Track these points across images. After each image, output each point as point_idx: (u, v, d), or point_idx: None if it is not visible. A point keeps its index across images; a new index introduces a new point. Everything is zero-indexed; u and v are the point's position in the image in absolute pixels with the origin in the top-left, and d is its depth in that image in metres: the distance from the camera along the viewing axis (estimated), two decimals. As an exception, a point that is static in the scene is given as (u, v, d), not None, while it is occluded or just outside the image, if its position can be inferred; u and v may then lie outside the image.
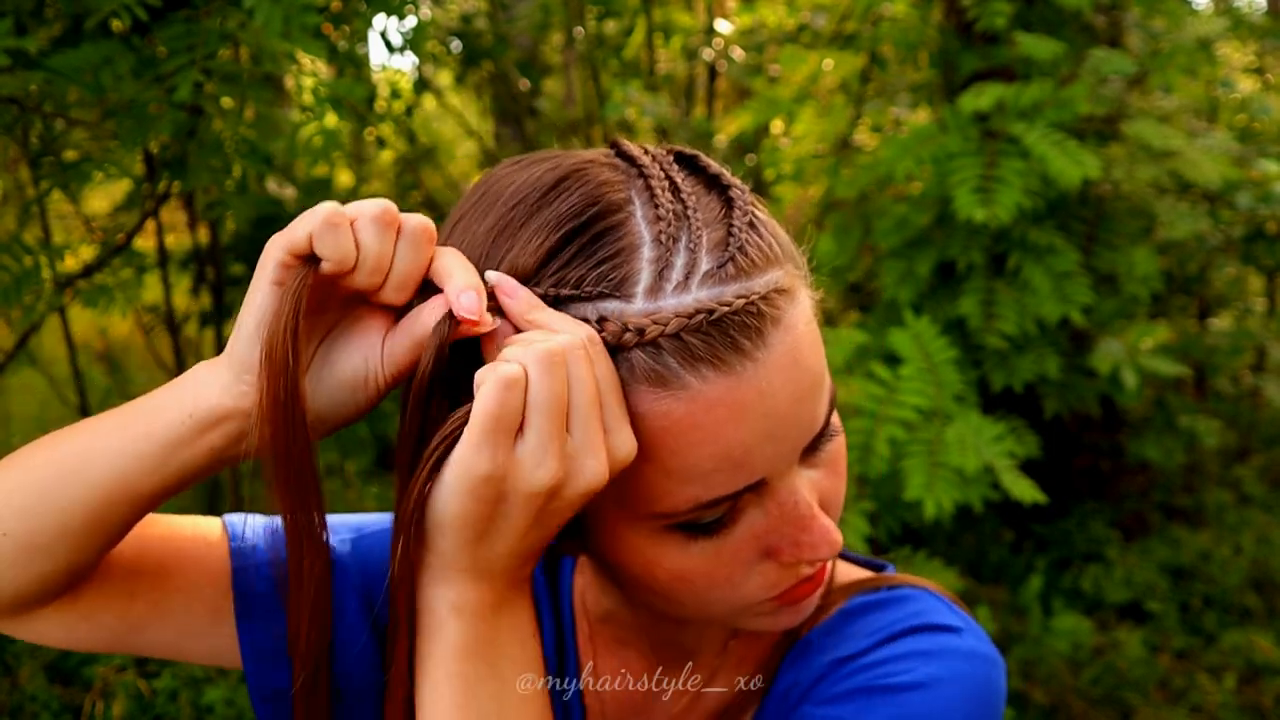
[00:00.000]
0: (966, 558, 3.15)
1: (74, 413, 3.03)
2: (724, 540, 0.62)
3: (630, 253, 0.58)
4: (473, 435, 0.55)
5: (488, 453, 0.55)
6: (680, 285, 0.57)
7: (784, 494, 0.62)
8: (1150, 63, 2.78)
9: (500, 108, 4.78)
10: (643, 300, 0.57)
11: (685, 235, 0.59)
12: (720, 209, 0.61)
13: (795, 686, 0.73)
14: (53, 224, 2.46)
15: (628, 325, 0.57)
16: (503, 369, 0.55)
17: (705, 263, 0.58)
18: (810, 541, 0.63)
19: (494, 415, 0.54)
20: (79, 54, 1.51)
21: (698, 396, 0.57)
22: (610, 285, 0.58)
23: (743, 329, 0.57)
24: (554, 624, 0.82)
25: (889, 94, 3.39)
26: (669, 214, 0.59)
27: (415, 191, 4.05)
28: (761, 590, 0.65)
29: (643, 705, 0.79)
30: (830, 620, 0.75)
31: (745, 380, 0.57)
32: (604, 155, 0.65)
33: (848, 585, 0.78)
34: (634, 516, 0.62)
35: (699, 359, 0.57)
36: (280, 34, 1.42)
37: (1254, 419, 3.82)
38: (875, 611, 0.74)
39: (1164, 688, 2.74)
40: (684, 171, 0.64)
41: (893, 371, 2.10)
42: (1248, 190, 2.95)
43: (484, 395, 0.54)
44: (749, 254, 0.59)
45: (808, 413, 0.61)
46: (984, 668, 0.71)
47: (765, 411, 0.58)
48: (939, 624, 0.72)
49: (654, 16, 4.21)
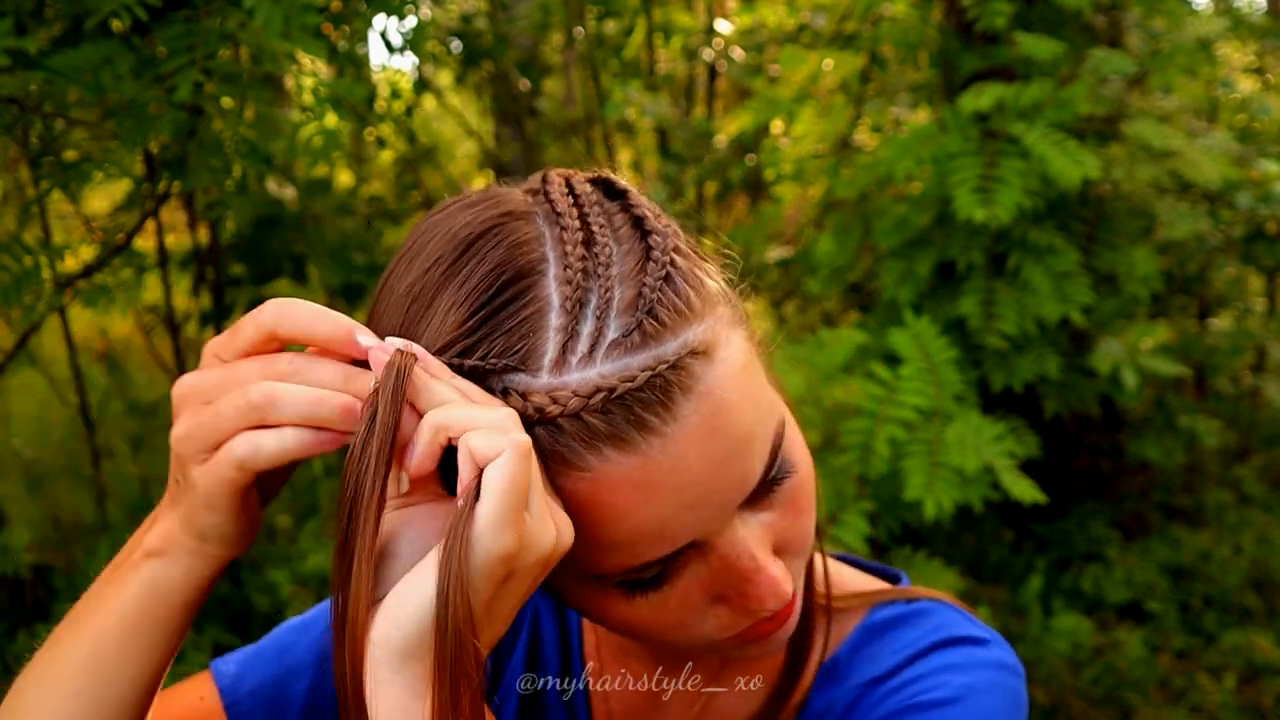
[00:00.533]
0: (966, 558, 3.15)
1: (74, 413, 3.03)
2: (668, 593, 0.60)
3: (537, 321, 0.55)
4: (497, 514, 0.50)
5: (511, 531, 0.50)
6: (585, 359, 0.54)
7: (724, 548, 0.59)
8: (1150, 63, 2.78)
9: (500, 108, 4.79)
10: (548, 375, 0.54)
11: (594, 298, 0.55)
12: (637, 261, 0.57)
13: (831, 708, 0.72)
14: (53, 224, 2.46)
15: (529, 404, 0.54)
16: (515, 436, 0.51)
17: (612, 330, 0.55)
18: (756, 594, 0.60)
19: (521, 487, 0.50)
20: (79, 54, 1.51)
21: (601, 478, 0.55)
22: (517, 359, 0.55)
23: (647, 405, 0.54)
24: (559, 631, 0.82)
25: (889, 94, 3.39)
26: (577, 275, 0.55)
27: (415, 191, 4.05)
28: (718, 631, 0.63)
29: (650, 710, 0.79)
30: (855, 636, 0.75)
31: (652, 458, 0.54)
32: (530, 195, 0.62)
33: (865, 595, 0.77)
34: (575, 575, 0.61)
35: (600, 438, 0.54)
36: (280, 34, 1.41)
37: (1254, 419, 3.82)
38: (900, 627, 0.74)
39: (1164, 688, 2.74)
40: (609, 212, 0.60)
41: (893, 371, 2.10)
42: (1248, 190, 2.95)
43: (510, 469, 0.50)
44: (658, 316, 0.55)
45: (734, 474, 0.57)
46: (1011, 678, 0.71)
47: (679, 485, 0.55)
48: (966, 636, 0.72)
49: (654, 16, 4.21)
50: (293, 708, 0.76)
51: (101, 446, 3.04)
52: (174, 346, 2.93)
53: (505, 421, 0.52)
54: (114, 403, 3.90)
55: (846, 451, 2.04)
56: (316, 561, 2.62)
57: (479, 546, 0.50)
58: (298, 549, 2.96)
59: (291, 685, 0.77)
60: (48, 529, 3.23)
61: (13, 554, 2.25)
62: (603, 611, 0.62)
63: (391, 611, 0.50)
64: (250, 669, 0.78)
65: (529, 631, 0.83)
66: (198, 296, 2.97)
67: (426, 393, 0.53)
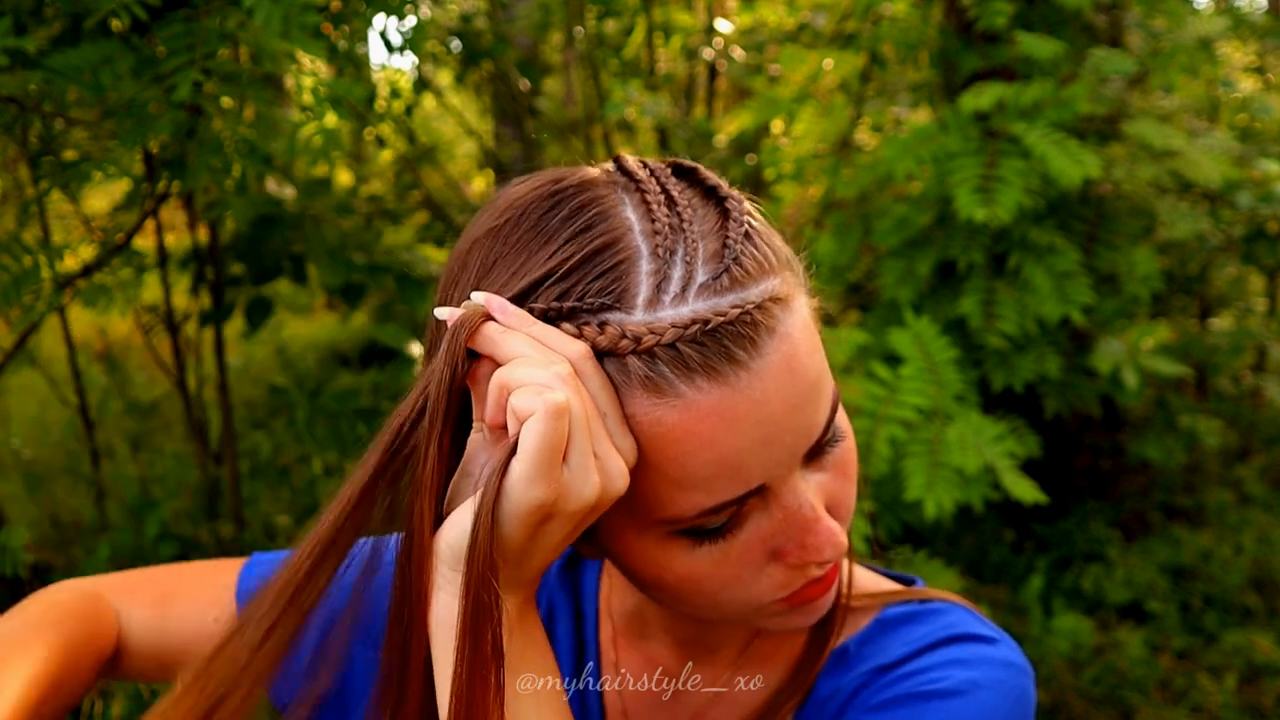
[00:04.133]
0: (967, 558, 3.15)
1: (74, 413, 3.03)
2: (730, 544, 0.63)
3: (629, 266, 0.59)
4: (529, 468, 0.56)
5: (542, 484, 0.56)
6: (677, 297, 0.59)
7: (787, 498, 0.63)
8: (1151, 62, 2.78)
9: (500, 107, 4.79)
10: (642, 312, 0.59)
11: (681, 248, 0.60)
12: (716, 221, 0.62)
13: (836, 694, 0.74)
14: (52, 224, 2.46)
15: (626, 333, 0.58)
16: (550, 397, 0.55)
17: (701, 274, 0.59)
18: (815, 544, 0.64)
19: (551, 445, 0.55)
20: (78, 53, 1.51)
21: (692, 405, 0.58)
22: (610, 298, 0.59)
23: (737, 338, 0.58)
24: (574, 625, 0.83)
25: (889, 94, 3.39)
26: (665, 228, 0.60)
27: (415, 191, 4.05)
28: (771, 591, 0.66)
29: (664, 704, 0.80)
30: (867, 630, 0.77)
31: (739, 389, 0.58)
32: (604, 171, 0.66)
33: (880, 594, 0.79)
34: (642, 523, 0.63)
35: (693, 368, 0.58)
36: (280, 34, 1.41)
37: (1255, 419, 3.82)
38: (911, 623, 0.76)
39: (1164, 688, 2.74)
40: (682, 184, 0.65)
41: (893, 371, 2.10)
42: (1248, 190, 2.95)
43: (539, 427, 0.55)
44: (744, 264, 0.60)
45: (805, 419, 0.62)
46: (1019, 677, 0.72)
47: (760, 419, 0.59)
48: (975, 634, 0.74)
49: (654, 16, 4.21)
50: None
51: (101, 446, 3.05)
52: (173, 346, 2.93)
53: (551, 380, 0.56)
54: (113, 403, 3.90)
55: (847, 451, 2.03)
56: (316, 561, 2.62)
57: (512, 496, 0.56)
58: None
59: None
60: (47, 529, 3.23)
61: (12, 554, 2.25)
62: (660, 565, 0.64)
63: (449, 527, 0.59)
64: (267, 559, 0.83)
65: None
66: (197, 296, 2.97)
67: (498, 346, 0.59)
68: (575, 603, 0.84)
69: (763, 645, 0.79)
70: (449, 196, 4.15)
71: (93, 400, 3.22)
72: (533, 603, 0.64)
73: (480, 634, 0.57)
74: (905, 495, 1.98)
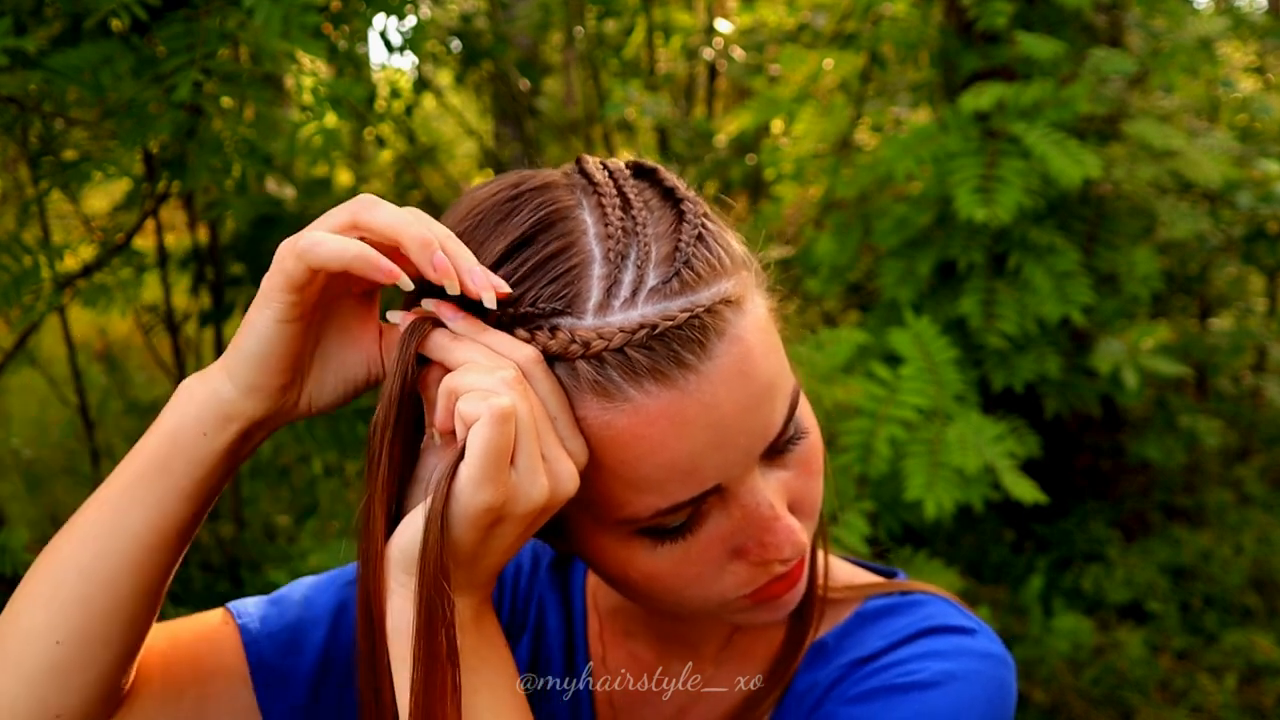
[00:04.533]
0: (967, 558, 3.15)
1: (73, 412, 3.03)
2: (690, 543, 0.64)
3: (581, 271, 0.60)
4: (476, 471, 0.56)
5: (490, 487, 0.56)
6: (627, 301, 0.59)
7: (745, 497, 0.63)
8: (1151, 62, 2.78)
9: (500, 107, 4.79)
10: (592, 317, 0.59)
11: (634, 251, 0.60)
12: (671, 223, 0.63)
13: (814, 687, 0.75)
14: (52, 224, 2.46)
15: (575, 338, 0.59)
16: (495, 402, 0.56)
17: (652, 278, 0.60)
18: (775, 542, 0.64)
19: (497, 449, 0.56)
20: (78, 53, 1.51)
21: (640, 409, 0.59)
22: (562, 303, 0.60)
23: (685, 342, 0.59)
24: (564, 621, 0.83)
25: (889, 94, 3.39)
26: (618, 231, 0.61)
27: (415, 191, 4.05)
28: (735, 588, 0.66)
29: (650, 699, 0.80)
30: (846, 623, 0.77)
31: (688, 393, 0.59)
32: (564, 174, 0.66)
33: (861, 588, 0.79)
34: (603, 523, 0.64)
35: (641, 373, 0.58)
36: (280, 34, 1.41)
37: (1255, 419, 3.82)
38: (890, 616, 0.76)
39: (1165, 688, 2.74)
40: (641, 184, 0.66)
41: (893, 371, 2.10)
42: (1248, 190, 2.95)
43: (485, 432, 0.55)
44: (694, 267, 0.60)
45: (759, 419, 0.62)
46: (998, 668, 0.73)
47: (710, 422, 0.60)
48: (953, 625, 0.74)
49: (654, 16, 4.21)
50: (307, 656, 0.78)
51: (101, 446, 3.04)
52: (173, 346, 2.93)
53: (497, 385, 0.57)
54: (113, 402, 3.90)
55: (847, 451, 2.04)
56: (317, 561, 2.62)
57: (461, 500, 0.57)
58: (298, 548, 2.96)
59: (309, 634, 0.79)
60: (47, 528, 3.23)
61: (12, 554, 2.25)
62: (624, 563, 0.65)
63: (401, 532, 0.59)
64: (270, 614, 0.80)
65: (534, 626, 0.84)
66: (197, 296, 2.97)
67: (447, 352, 0.60)
68: (565, 599, 0.84)
69: (742, 641, 0.79)
70: (449, 196, 4.15)
71: (93, 400, 3.22)
72: (489, 604, 0.64)
73: (434, 637, 0.57)
74: (905, 495, 1.98)
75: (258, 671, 0.76)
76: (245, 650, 0.76)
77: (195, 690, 0.73)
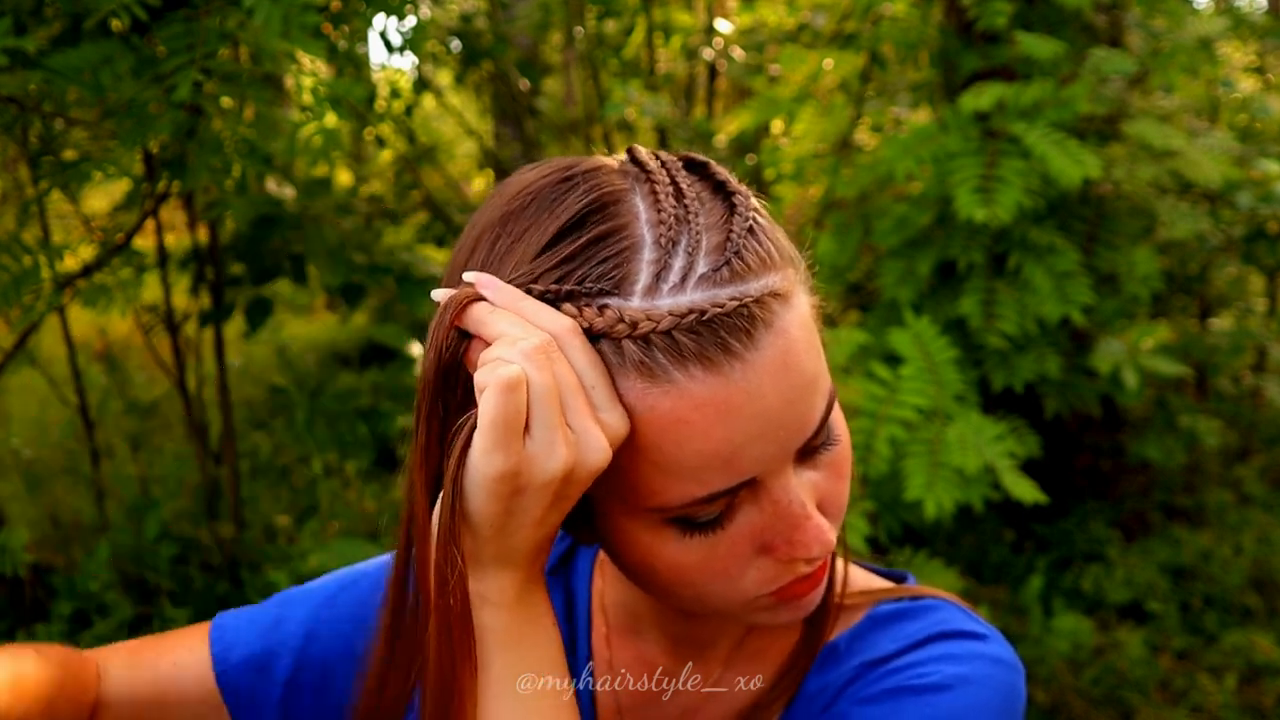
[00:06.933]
0: (967, 558, 3.15)
1: (73, 412, 3.03)
2: (720, 536, 0.64)
3: (631, 254, 0.60)
4: (484, 441, 0.57)
5: (500, 455, 0.57)
6: (676, 286, 0.59)
7: (778, 493, 0.63)
8: (1151, 62, 2.78)
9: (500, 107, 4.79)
10: (640, 299, 0.59)
11: (685, 239, 0.61)
12: (722, 214, 0.63)
13: (825, 690, 0.75)
14: (52, 224, 2.46)
15: (623, 317, 0.59)
16: (502, 371, 0.56)
17: (702, 266, 0.60)
18: (804, 540, 0.64)
19: (502, 418, 0.56)
20: (78, 53, 1.51)
21: (685, 394, 0.59)
22: (610, 284, 0.60)
23: (733, 330, 0.59)
24: (567, 625, 0.83)
25: (889, 94, 3.39)
26: (670, 218, 0.61)
27: (415, 191, 4.05)
28: (758, 585, 0.66)
29: (658, 699, 0.80)
30: (857, 626, 0.77)
31: (733, 381, 0.59)
32: (617, 160, 0.67)
33: (871, 592, 0.79)
34: (634, 510, 0.64)
35: (688, 357, 0.58)
36: (280, 34, 1.41)
37: (1255, 419, 3.82)
38: (902, 620, 0.76)
39: (1164, 688, 2.74)
40: (692, 177, 0.66)
41: (893, 371, 2.10)
42: (1248, 190, 2.95)
43: (489, 400, 0.56)
44: (745, 258, 0.60)
45: (799, 415, 0.62)
46: (1009, 673, 0.73)
47: (753, 413, 0.60)
48: (966, 630, 0.74)
49: (654, 16, 4.21)
50: (277, 677, 0.80)
51: (101, 446, 3.04)
52: (173, 346, 2.93)
53: (513, 354, 0.57)
54: (113, 402, 3.90)
55: (847, 451, 2.03)
56: (317, 561, 2.62)
57: (474, 467, 0.58)
58: (298, 549, 2.96)
59: (279, 658, 0.81)
60: (47, 529, 3.23)
61: (12, 554, 2.25)
62: (650, 553, 0.65)
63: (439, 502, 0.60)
64: (243, 637, 0.82)
65: None
66: (197, 296, 2.97)
67: (484, 325, 0.60)
68: (568, 601, 0.84)
69: (755, 642, 0.79)
70: (449, 196, 4.15)
71: (93, 400, 3.22)
72: (537, 584, 0.64)
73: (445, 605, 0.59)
74: (905, 495, 1.98)
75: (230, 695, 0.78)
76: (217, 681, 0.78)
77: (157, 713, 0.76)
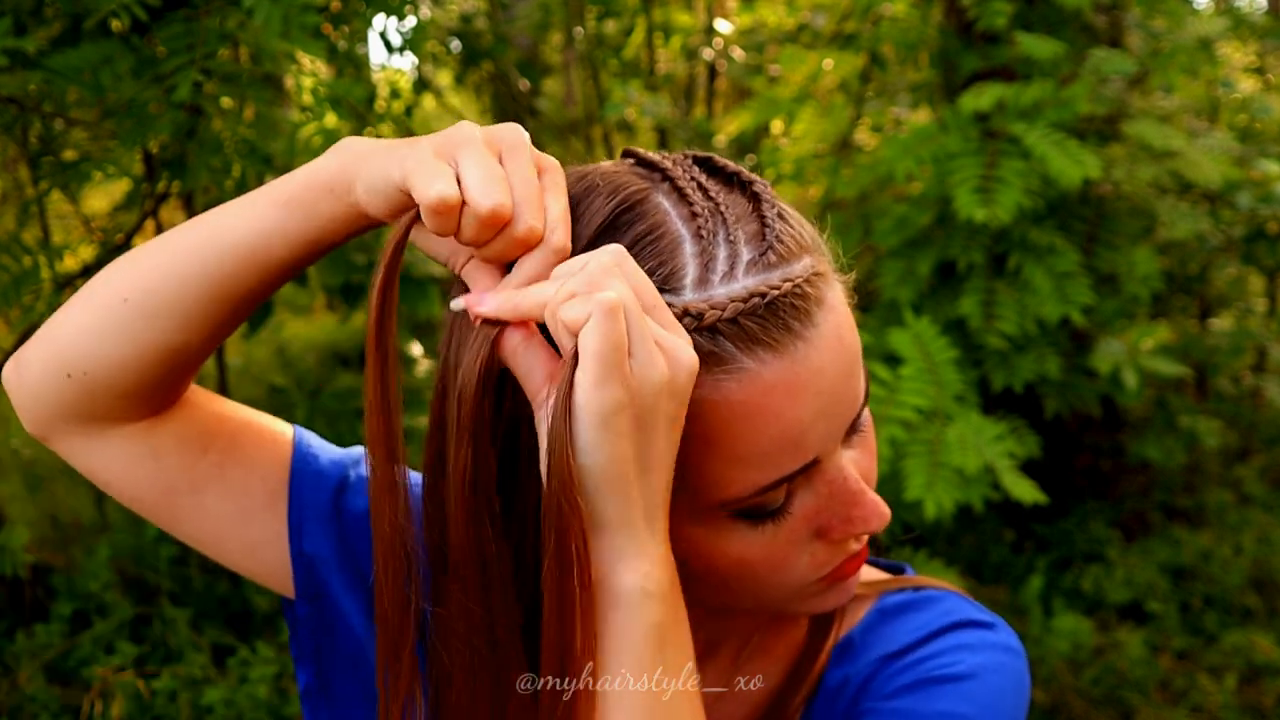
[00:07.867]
0: (967, 558, 3.15)
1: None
2: (782, 523, 0.64)
3: (673, 249, 0.60)
4: (596, 373, 0.53)
5: (615, 384, 0.54)
6: (726, 275, 0.60)
7: (833, 472, 0.64)
8: (1151, 62, 2.78)
9: (500, 108, 4.78)
10: (692, 292, 0.59)
11: (722, 229, 0.61)
12: (748, 204, 0.64)
13: (846, 683, 0.75)
14: (52, 224, 2.46)
15: (688, 310, 0.58)
16: (600, 298, 0.53)
17: (746, 253, 0.60)
18: (862, 515, 0.65)
19: (611, 344, 0.53)
20: (78, 54, 1.51)
21: (755, 379, 0.59)
22: (658, 280, 0.59)
23: (792, 310, 0.59)
24: None
25: (889, 94, 3.39)
26: (704, 211, 0.61)
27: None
28: (813, 570, 0.67)
29: None
30: (867, 619, 0.78)
31: (799, 360, 0.59)
32: (624, 165, 0.66)
33: (875, 583, 0.80)
34: (699, 508, 0.63)
35: (755, 341, 0.59)
36: (280, 34, 1.41)
37: (1255, 419, 3.82)
38: (911, 611, 0.77)
39: (1165, 688, 2.74)
40: (703, 173, 0.66)
41: (893, 371, 2.10)
42: (1248, 190, 2.95)
43: (597, 329, 0.53)
44: (785, 243, 0.61)
45: (853, 389, 0.63)
46: (1017, 660, 0.75)
47: (818, 390, 0.60)
48: (975, 619, 0.76)
49: (654, 16, 4.21)
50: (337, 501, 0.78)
51: (101, 446, 3.03)
52: (174, 346, 2.93)
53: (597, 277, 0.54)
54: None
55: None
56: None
57: (587, 406, 0.54)
58: (297, 549, 2.95)
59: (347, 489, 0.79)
60: (47, 529, 3.22)
61: (12, 554, 2.25)
62: (715, 552, 0.64)
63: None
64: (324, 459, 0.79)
65: None
66: (197, 296, 2.96)
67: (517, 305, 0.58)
68: None
69: (763, 641, 0.79)
70: (449, 197, 4.14)
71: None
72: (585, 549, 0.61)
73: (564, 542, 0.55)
74: (905, 495, 1.98)
75: (298, 461, 0.77)
76: (291, 471, 0.76)
77: (225, 458, 0.74)
